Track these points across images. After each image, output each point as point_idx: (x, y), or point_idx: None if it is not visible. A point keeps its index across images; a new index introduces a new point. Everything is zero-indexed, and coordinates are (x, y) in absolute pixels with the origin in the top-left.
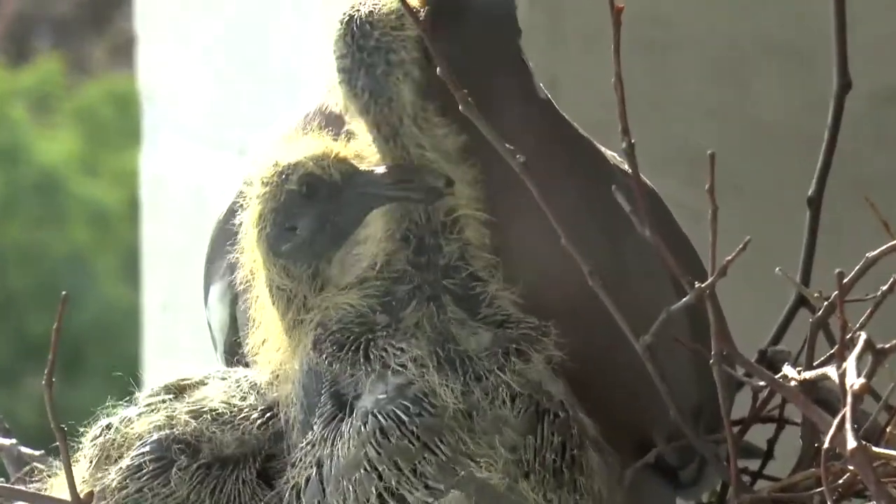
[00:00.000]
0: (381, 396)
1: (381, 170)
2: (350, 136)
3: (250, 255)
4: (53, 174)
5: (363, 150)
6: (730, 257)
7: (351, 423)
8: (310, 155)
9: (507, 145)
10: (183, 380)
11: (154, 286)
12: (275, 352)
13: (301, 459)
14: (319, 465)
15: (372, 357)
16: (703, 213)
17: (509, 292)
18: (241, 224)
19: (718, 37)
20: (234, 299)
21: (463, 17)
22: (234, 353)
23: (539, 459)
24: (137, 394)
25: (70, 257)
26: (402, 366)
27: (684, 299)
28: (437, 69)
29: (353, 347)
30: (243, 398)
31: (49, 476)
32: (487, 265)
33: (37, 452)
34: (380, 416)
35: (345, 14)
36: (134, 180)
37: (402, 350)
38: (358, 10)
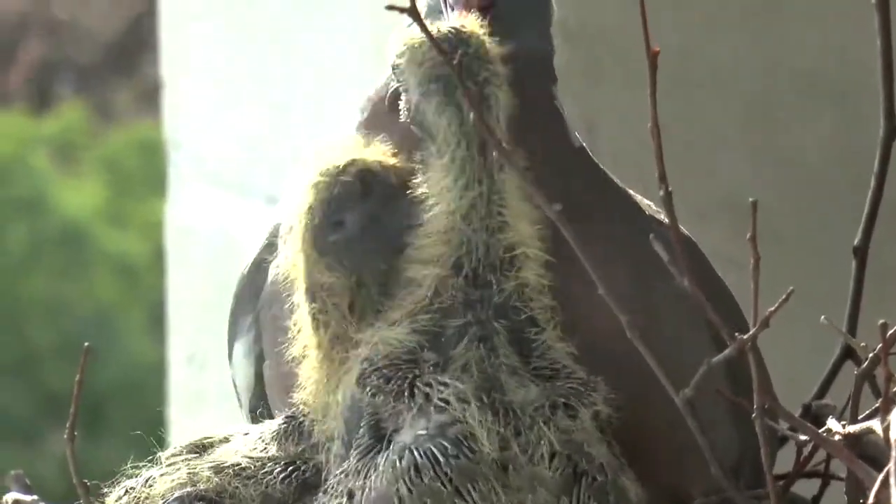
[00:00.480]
0: (420, 432)
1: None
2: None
3: (292, 260)
4: (77, 225)
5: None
6: (772, 308)
7: (387, 456)
8: (371, 155)
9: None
10: (206, 438)
11: (180, 338)
12: (314, 384)
13: (333, 488)
14: (351, 495)
15: (416, 391)
16: (744, 262)
17: (565, 343)
18: (275, 265)
19: (758, 76)
20: (259, 356)
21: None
22: (258, 410)
23: None
24: (160, 453)
25: (94, 311)
26: (446, 402)
27: (725, 352)
28: (471, 114)
29: (398, 380)
30: (265, 450)
31: None
32: (545, 309)
33: None
34: (416, 453)
35: (433, 28)
36: (160, 231)
37: (446, 385)
38: (443, 26)
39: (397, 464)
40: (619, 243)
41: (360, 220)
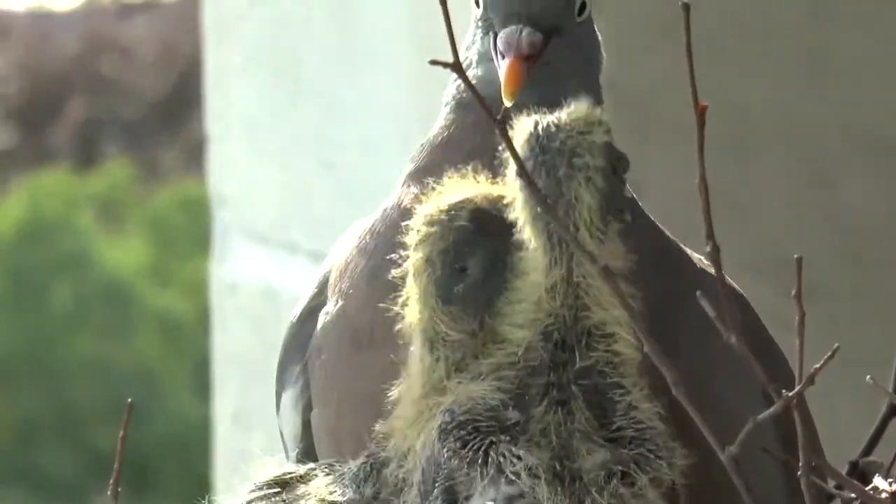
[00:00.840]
0: (489, 503)
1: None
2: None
3: (414, 312)
4: (121, 283)
5: None
6: (818, 365)
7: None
8: (478, 193)
9: (588, 249)
10: (286, 474)
11: (225, 396)
12: (402, 427)
13: None
14: None
15: (490, 460)
16: (792, 319)
17: (653, 403)
18: (317, 324)
19: (807, 133)
20: (307, 406)
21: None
22: (306, 461)
23: None
24: (240, 488)
25: (139, 369)
26: (517, 475)
27: (771, 409)
28: (517, 171)
29: (474, 446)
30: (343, 494)
31: None
32: (633, 377)
33: None
34: None
35: (534, 119)
36: (205, 288)
37: (518, 458)
38: (546, 116)
39: None
40: (670, 296)
41: (482, 262)
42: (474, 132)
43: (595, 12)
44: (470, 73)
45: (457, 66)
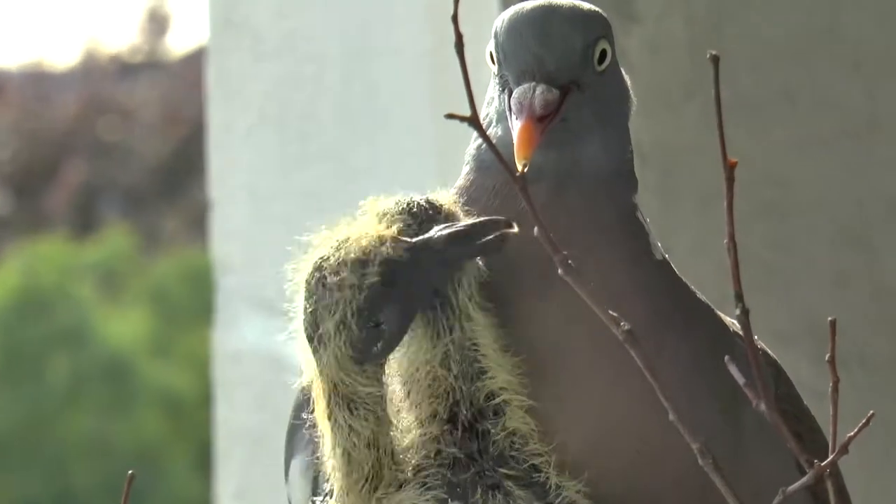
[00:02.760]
0: None
1: (435, 232)
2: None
3: (319, 386)
4: (121, 357)
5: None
6: (851, 433)
7: None
8: (369, 240)
9: (612, 312)
10: None
11: (227, 473)
12: None
13: None
14: None
15: None
16: (827, 388)
17: (575, 482)
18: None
19: (843, 199)
20: (318, 473)
21: (571, 172)
22: None
23: None
24: None
25: (139, 448)
26: None
27: (803, 479)
28: (535, 230)
29: None
30: None
31: None
32: (540, 454)
33: None
34: None
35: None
36: (207, 363)
37: None
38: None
39: None
40: (700, 364)
41: (395, 311)
42: (493, 196)
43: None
44: (490, 133)
45: (474, 121)
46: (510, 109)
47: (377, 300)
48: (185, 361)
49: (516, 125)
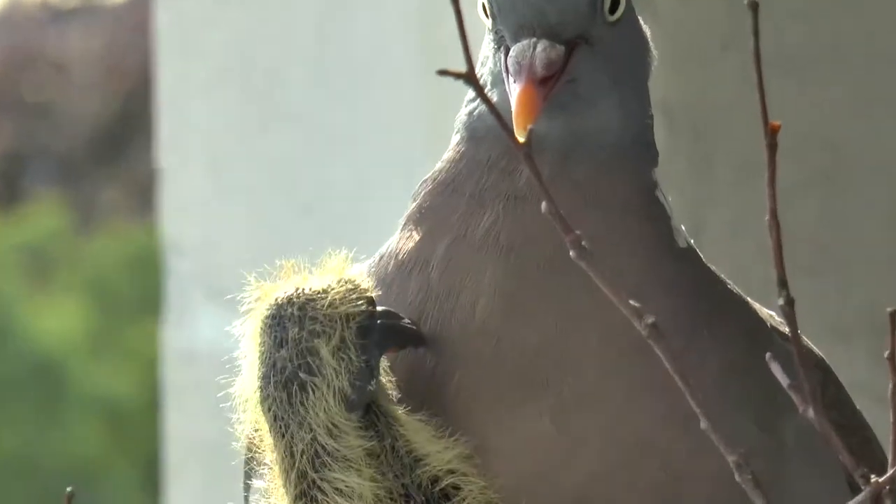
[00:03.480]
0: None
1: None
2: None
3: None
4: (51, 359)
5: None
6: None
7: None
8: (343, 282)
9: (633, 302)
10: None
11: (180, 492)
12: None
13: None
14: None
15: None
16: (885, 390)
17: None
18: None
19: None
20: None
21: (579, 142)
22: None
23: None
24: None
25: (74, 468)
26: None
27: (857, 498)
28: (543, 206)
29: None
30: None
31: None
32: None
33: None
34: None
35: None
36: (155, 363)
37: None
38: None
39: None
40: (734, 366)
41: (376, 354)
42: (487, 171)
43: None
44: None
45: (471, 78)
46: (507, 71)
47: (367, 332)
48: (129, 362)
49: (514, 89)
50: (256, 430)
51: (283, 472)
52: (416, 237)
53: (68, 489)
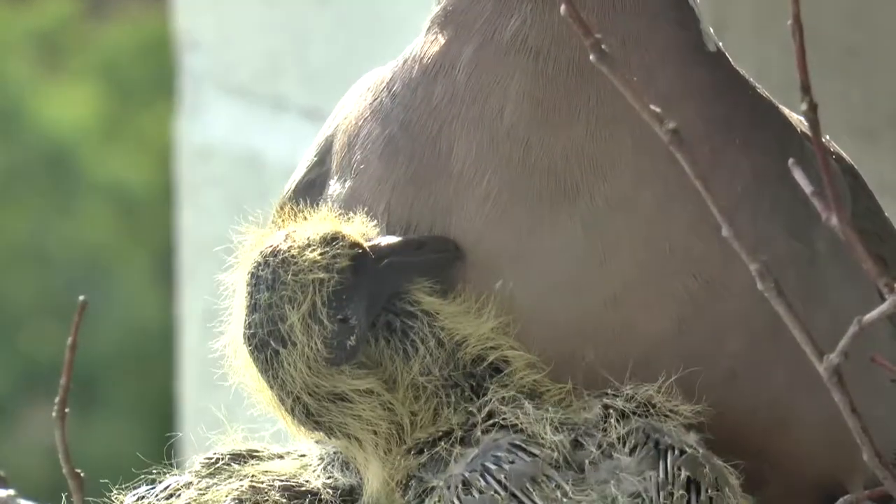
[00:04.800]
0: (472, 456)
1: (390, 240)
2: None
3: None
4: (63, 146)
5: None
6: None
7: (433, 494)
8: (332, 227)
9: (654, 108)
10: (254, 451)
11: (194, 291)
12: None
13: None
14: None
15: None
16: None
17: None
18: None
19: None
20: None
21: None
22: None
23: (664, 494)
24: (190, 458)
25: (85, 257)
26: (504, 419)
27: (882, 306)
28: (562, 8)
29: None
30: (331, 478)
31: None
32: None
33: None
34: (466, 473)
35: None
36: (169, 153)
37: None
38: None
39: (444, 492)
40: (764, 173)
41: (360, 306)
42: None
43: None
44: None
45: None
46: None
47: (346, 290)
48: (142, 150)
49: None
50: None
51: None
52: (442, 40)
53: (81, 298)
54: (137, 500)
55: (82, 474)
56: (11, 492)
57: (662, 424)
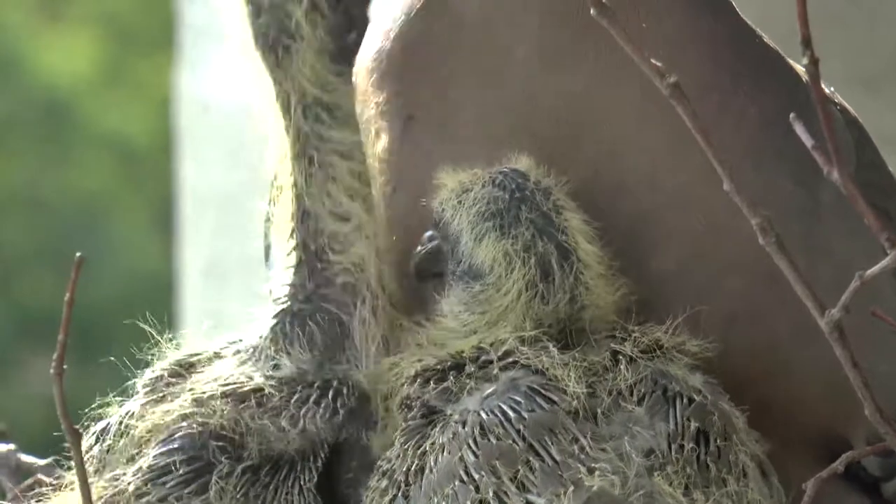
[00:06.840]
0: (489, 392)
1: None
2: None
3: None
4: (62, 93)
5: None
6: None
7: (446, 426)
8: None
9: (656, 62)
10: (192, 355)
11: (194, 242)
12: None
13: (381, 479)
14: (406, 482)
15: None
16: None
17: None
18: None
19: None
20: None
21: None
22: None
23: (675, 448)
24: (136, 380)
25: (84, 206)
26: (527, 359)
27: (884, 261)
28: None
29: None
30: (276, 366)
31: (57, 490)
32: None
33: (41, 461)
34: (483, 413)
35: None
36: (169, 102)
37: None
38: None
39: (460, 430)
40: (771, 127)
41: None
42: None
43: None
44: None
45: None
46: None
47: None
48: (141, 99)
49: None
50: None
51: (283, 133)
52: None
53: (78, 255)
54: (97, 441)
55: (80, 428)
56: (12, 446)
57: (668, 367)
